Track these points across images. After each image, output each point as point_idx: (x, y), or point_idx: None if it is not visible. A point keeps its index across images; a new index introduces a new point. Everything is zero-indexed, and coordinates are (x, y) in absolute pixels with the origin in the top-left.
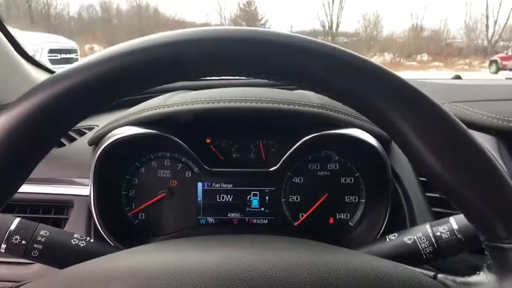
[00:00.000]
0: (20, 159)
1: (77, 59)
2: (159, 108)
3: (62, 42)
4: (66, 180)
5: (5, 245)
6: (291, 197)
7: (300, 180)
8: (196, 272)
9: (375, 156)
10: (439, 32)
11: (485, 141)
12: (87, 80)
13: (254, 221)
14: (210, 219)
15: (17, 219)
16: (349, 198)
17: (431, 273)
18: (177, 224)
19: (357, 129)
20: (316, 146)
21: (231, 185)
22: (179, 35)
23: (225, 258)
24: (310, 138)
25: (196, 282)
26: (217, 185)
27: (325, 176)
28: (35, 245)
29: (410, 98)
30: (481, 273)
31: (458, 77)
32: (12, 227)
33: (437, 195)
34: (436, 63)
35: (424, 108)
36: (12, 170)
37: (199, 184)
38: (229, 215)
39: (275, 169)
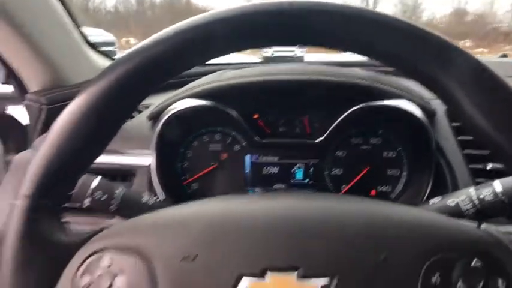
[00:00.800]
0: (105, 125)
1: (115, 52)
2: (216, 82)
3: (103, 35)
4: (128, 152)
5: (88, 199)
6: (334, 170)
7: (343, 153)
8: (265, 216)
9: (419, 128)
10: (483, 16)
11: None
12: (155, 55)
13: None
14: (257, 190)
15: (98, 178)
16: (391, 171)
17: (475, 223)
18: (226, 194)
19: (404, 101)
20: (362, 118)
21: (276, 158)
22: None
23: (289, 206)
24: (356, 109)
25: (266, 226)
26: (263, 158)
27: (368, 149)
28: (112, 201)
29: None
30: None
31: (504, 56)
32: (94, 184)
33: (481, 166)
34: (480, 49)
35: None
36: (98, 134)
37: (247, 157)
38: (274, 186)
39: (320, 140)
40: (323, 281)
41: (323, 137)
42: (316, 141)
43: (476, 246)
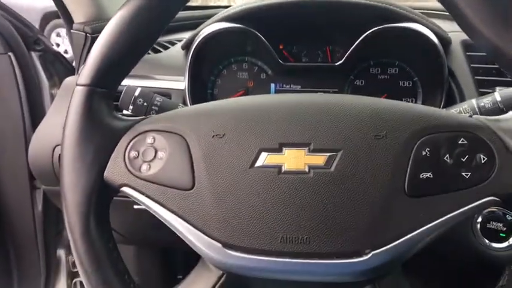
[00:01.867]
0: (149, 25)
1: None
2: (244, 5)
3: None
4: (164, 78)
5: (132, 106)
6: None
7: (362, 82)
8: (281, 102)
9: (432, 52)
10: None
11: None
12: None
13: None
14: None
15: (139, 88)
16: (406, 99)
17: (467, 114)
18: None
19: (419, 25)
20: (379, 41)
21: (299, 86)
22: None
23: (301, 96)
24: (373, 31)
25: (282, 110)
26: (287, 86)
27: (385, 79)
28: (153, 107)
29: None
30: (510, 111)
31: None
32: (136, 93)
33: (490, 90)
34: None
35: None
36: (143, 33)
37: (272, 85)
38: None
39: (340, 64)
40: (330, 153)
41: (342, 60)
42: (336, 64)
43: (464, 128)
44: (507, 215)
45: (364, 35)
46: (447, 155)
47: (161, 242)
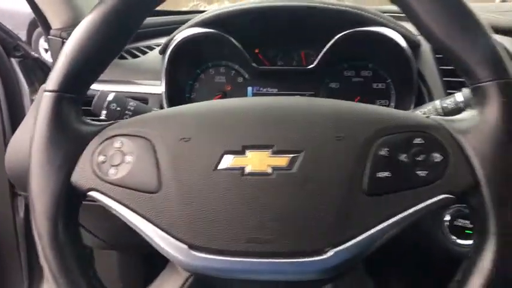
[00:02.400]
0: (118, 30)
1: None
2: (218, 10)
3: None
4: (141, 82)
5: (105, 111)
6: None
7: (337, 85)
8: (244, 105)
9: (402, 56)
10: None
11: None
12: None
13: None
14: None
15: (113, 93)
16: (380, 101)
17: (425, 115)
18: None
19: (388, 29)
20: (349, 44)
21: (276, 90)
22: None
23: (264, 99)
24: (343, 35)
25: (245, 113)
26: (264, 89)
27: (359, 82)
28: (126, 112)
29: None
30: (465, 112)
31: (504, 1)
32: (110, 98)
33: (457, 91)
34: None
35: None
36: (112, 39)
37: (249, 88)
38: None
39: (313, 67)
40: (292, 154)
41: (314, 63)
42: (309, 67)
43: (420, 128)
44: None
45: (333, 40)
46: (404, 155)
47: (139, 247)
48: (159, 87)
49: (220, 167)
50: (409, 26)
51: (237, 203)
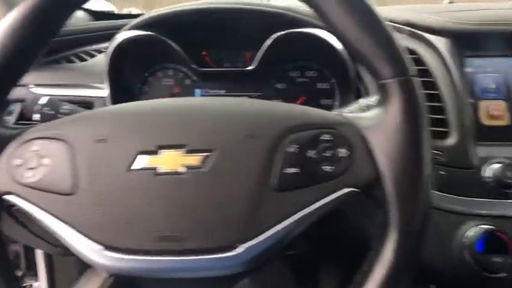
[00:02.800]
0: (39, 31)
1: None
2: (153, 12)
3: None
4: (87, 85)
5: (39, 114)
6: (274, 101)
7: (283, 86)
8: (156, 107)
9: (338, 57)
10: None
11: (439, 42)
12: None
13: None
14: None
15: (47, 97)
16: (325, 101)
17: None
18: None
19: (322, 31)
20: (286, 45)
21: (223, 91)
22: None
23: (178, 100)
24: (278, 36)
25: (158, 114)
26: (212, 91)
27: (305, 82)
28: (59, 115)
29: None
30: (374, 109)
31: (452, 2)
32: (43, 101)
33: None
34: None
35: None
36: (33, 38)
37: (198, 90)
38: None
39: (253, 68)
40: (205, 153)
41: (253, 65)
42: (247, 68)
43: (329, 125)
44: None
45: (268, 41)
46: (313, 151)
47: None
48: (105, 91)
49: (134, 167)
50: None
51: (150, 202)
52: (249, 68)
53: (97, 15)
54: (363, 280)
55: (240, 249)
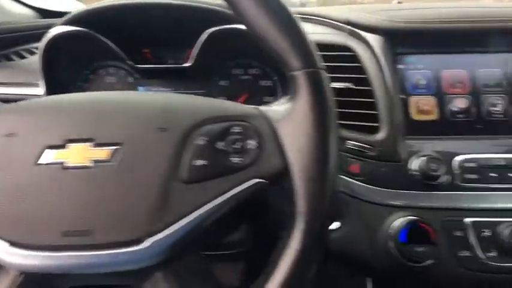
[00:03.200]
0: None
1: None
2: (85, 8)
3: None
4: (25, 83)
5: None
6: (218, 98)
7: (226, 83)
8: (66, 101)
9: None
10: None
11: (374, 40)
12: None
13: None
14: None
15: None
16: (267, 98)
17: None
18: None
19: None
20: (219, 41)
21: (168, 89)
22: None
23: (89, 95)
24: (211, 32)
25: (67, 108)
26: (154, 89)
27: (248, 79)
28: None
29: None
30: (282, 101)
31: (400, 2)
32: None
33: None
34: None
35: None
36: None
37: (140, 88)
38: None
39: (190, 65)
40: (113, 147)
41: (189, 62)
42: (184, 65)
43: (239, 117)
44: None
45: (203, 37)
46: (222, 143)
47: None
48: (41, 89)
49: (41, 161)
50: None
51: (57, 197)
52: (186, 64)
53: (45, 13)
54: (271, 270)
55: (147, 242)
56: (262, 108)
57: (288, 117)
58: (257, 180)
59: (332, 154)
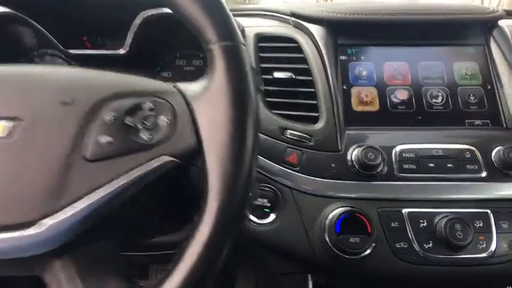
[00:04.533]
0: None
1: None
2: None
3: None
4: None
5: None
6: None
7: (169, 74)
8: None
9: None
10: None
11: (316, 30)
12: None
13: None
14: None
15: None
16: None
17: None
18: None
19: None
20: (155, 26)
21: None
22: None
23: None
24: (146, 16)
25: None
26: None
27: (191, 71)
28: None
29: None
30: (201, 79)
31: None
32: None
33: (270, 76)
34: None
35: None
36: None
37: None
38: None
39: (127, 52)
40: (12, 123)
41: (124, 49)
42: (118, 51)
43: (153, 93)
44: (270, 191)
45: (137, 21)
46: (132, 119)
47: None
48: None
49: None
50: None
51: None
52: (122, 51)
53: None
54: (179, 256)
55: (41, 225)
56: (179, 84)
57: (204, 92)
58: (167, 158)
59: (249, 133)
